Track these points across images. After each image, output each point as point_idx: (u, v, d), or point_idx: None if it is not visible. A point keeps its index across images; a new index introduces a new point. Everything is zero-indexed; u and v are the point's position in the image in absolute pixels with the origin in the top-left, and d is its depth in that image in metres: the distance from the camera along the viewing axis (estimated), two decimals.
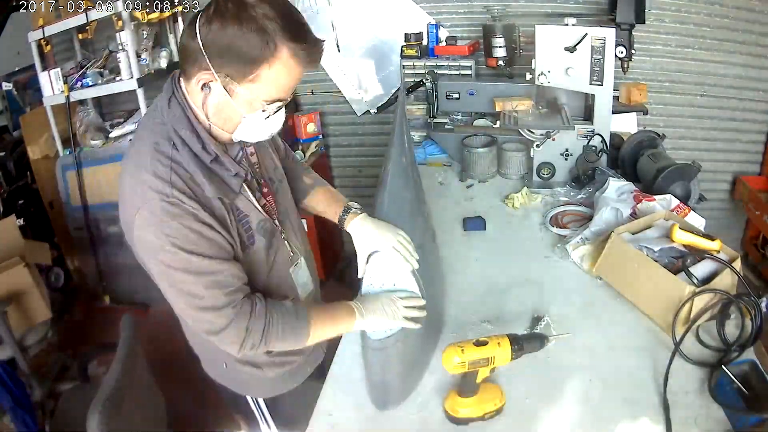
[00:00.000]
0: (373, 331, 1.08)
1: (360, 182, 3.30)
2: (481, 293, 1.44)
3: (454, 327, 1.32)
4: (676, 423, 1.01)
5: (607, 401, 1.08)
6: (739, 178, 2.87)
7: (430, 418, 1.09)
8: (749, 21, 2.56)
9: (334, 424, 1.10)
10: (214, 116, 0.99)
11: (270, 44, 0.89)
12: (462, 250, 1.66)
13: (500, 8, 2.46)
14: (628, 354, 1.20)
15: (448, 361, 1.00)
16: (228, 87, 0.94)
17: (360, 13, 2.86)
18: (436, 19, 2.76)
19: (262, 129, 1.02)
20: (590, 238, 1.56)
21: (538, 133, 1.99)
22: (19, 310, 2.46)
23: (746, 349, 1.13)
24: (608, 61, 1.85)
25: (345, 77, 3.02)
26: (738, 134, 2.82)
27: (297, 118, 3.01)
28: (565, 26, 1.88)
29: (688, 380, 1.10)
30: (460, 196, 2.04)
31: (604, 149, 1.94)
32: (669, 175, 1.66)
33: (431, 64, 2.65)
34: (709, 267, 1.28)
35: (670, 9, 2.57)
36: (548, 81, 1.93)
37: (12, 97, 3.66)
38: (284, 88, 0.96)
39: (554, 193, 1.96)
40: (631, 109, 2.32)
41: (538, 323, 1.29)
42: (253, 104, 0.96)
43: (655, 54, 2.66)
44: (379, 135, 3.11)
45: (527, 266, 1.54)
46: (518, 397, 1.10)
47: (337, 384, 1.20)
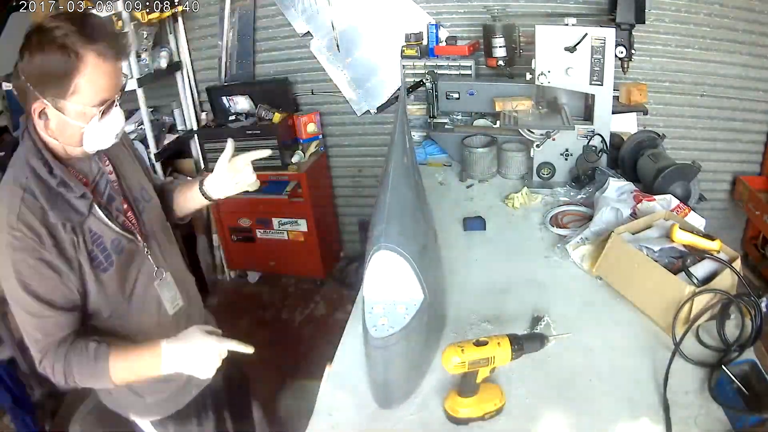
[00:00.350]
0: (375, 329, 1.08)
1: (360, 182, 3.31)
2: (481, 293, 1.44)
3: (454, 327, 1.32)
4: (676, 423, 1.01)
5: (607, 401, 1.08)
6: (739, 178, 2.87)
7: (430, 418, 1.09)
8: (749, 21, 2.56)
9: (334, 424, 1.10)
10: (61, 137, 1.06)
11: (72, 56, 0.97)
12: (462, 250, 1.66)
13: (500, 8, 2.47)
14: (628, 354, 1.20)
15: (448, 361, 1.00)
16: (58, 107, 1.01)
17: (360, 13, 2.86)
18: (436, 19, 2.77)
19: (105, 132, 1.08)
20: (590, 238, 1.56)
21: (538, 133, 1.99)
22: None
23: (746, 349, 1.13)
24: (608, 61, 1.85)
25: (345, 77, 3.02)
26: (738, 134, 2.82)
27: (297, 118, 3.02)
28: (565, 26, 1.88)
29: (688, 380, 1.10)
30: (460, 196, 2.04)
31: (604, 149, 1.94)
32: (669, 175, 1.66)
33: (431, 64, 2.66)
34: (709, 267, 1.28)
35: (670, 9, 2.58)
36: (548, 81, 1.93)
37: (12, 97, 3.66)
38: (105, 87, 1.03)
39: (554, 193, 1.96)
40: (631, 109, 2.32)
41: (538, 323, 1.29)
42: (86, 113, 1.03)
43: (655, 54, 2.67)
44: (379, 135, 3.11)
45: (527, 266, 1.54)
46: (518, 397, 1.10)
47: (337, 383, 1.20)
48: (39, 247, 1.01)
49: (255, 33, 3.02)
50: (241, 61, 3.08)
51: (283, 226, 3.08)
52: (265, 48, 3.06)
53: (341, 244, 3.53)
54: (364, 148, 3.20)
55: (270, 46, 3.05)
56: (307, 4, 2.88)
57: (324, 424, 1.10)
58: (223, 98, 3.07)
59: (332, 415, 1.12)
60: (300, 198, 2.97)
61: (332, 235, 3.42)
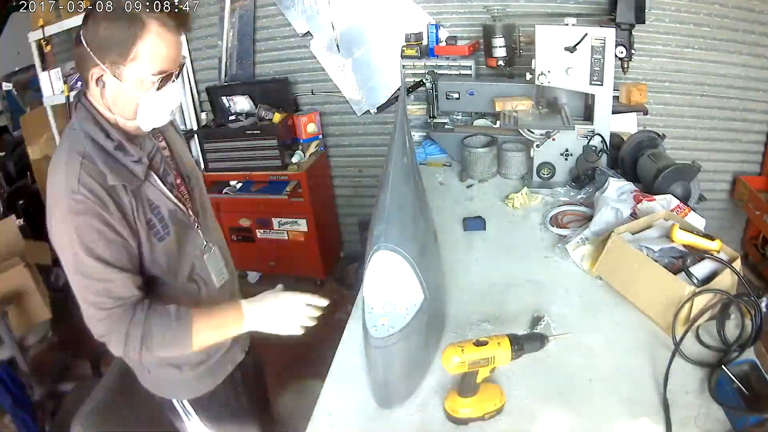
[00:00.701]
0: (375, 329, 1.08)
1: (360, 182, 3.31)
2: (481, 293, 1.44)
3: (454, 327, 1.32)
4: (676, 423, 1.01)
5: (607, 401, 1.08)
6: (739, 178, 2.87)
7: (430, 418, 1.09)
8: (749, 21, 2.56)
9: (334, 424, 1.10)
10: (115, 108, 1.06)
11: (137, 21, 1.00)
12: (462, 250, 1.66)
13: (500, 8, 2.46)
14: (628, 354, 1.20)
15: (448, 361, 1.00)
16: (116, 73, 1.02)
17: (360, 13, 2.86)
18: (436, 19, 2.77)
19: (160, 106, 1.08)
20: (590, 238, 1.56)
21: (538, 133, 1.99)
22: (19, 310, 2.47)
23: (746, 349, 1.13)
24: (608, 61, 1.85)
25: (345, 77, 3.02)
26: (738, 134, 2.82)
27: (297, 118, 3.02)
28: (565, 26, 1.88)
29: (688, 380, 1.10)
30: (460, 196, 2.04)
31: (604, 149, 1.94)
32: (669, 175, 1.66)
33: (431, 64, 2.66)
34: (709, 267, 1.28)
35: (670, 9, 2.57)
36: (548, 81, 1.93)
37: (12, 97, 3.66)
38: (165, 57, 1.04)
39: (554, 193, 1.96)
40: (631, 109, 2.32)
41: (538, 323, 1.29)
42: (144, 83, 1.03)
43: (655, 54, 2.66)
44: (379, 135, 3.11)
45: (527, 266, 1.54)
46: (518, 397, 1.10)
47: (338, 383, 1.20)
48: (102, 210, 1.01)
49: (255, 33, 3.02)
50: (241, 61, 3.08)
51: (283, 226, 3.08)
52: (265, 48, 3.06)
53: (341, 244, 3.53)
54: (364, 148, 3.20)
55: (270, 46, 3.05)
56: (307, 4, 2.88)
57: (324, 424, 1.10)
58: (223, 98, 3.07)
59: (332, 415, 1.12)
60: (300, 198, 2.97)
61: (332, 235, 3.42)
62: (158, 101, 1.06)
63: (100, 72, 1.02)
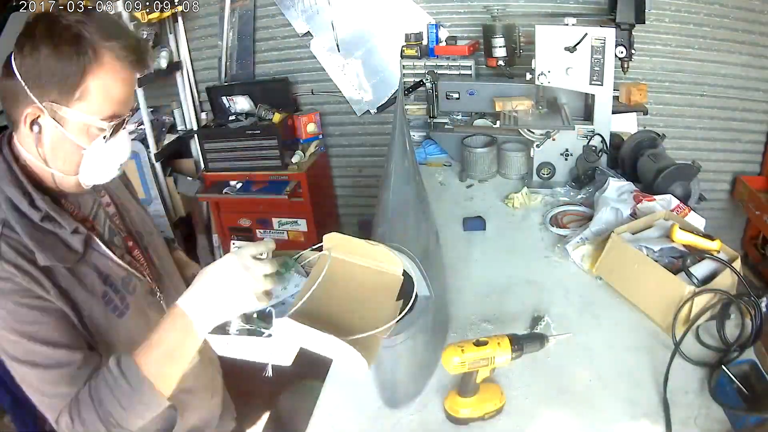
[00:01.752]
0: None
1: (360, 182, 3.31)
2: (481, 293, 1.44)
3: (454, 327, 1.32)
4: (676, 423, 1.01)
5: (607, 401, 1.08)
6: (739, 178, 2.87)
7: (430, 418, 1.09)
8: (749, 21, 2.56)
9: (334, 424, 1.10)
10: (53, 159, 0.86)
11: (88, 49, 0.80)
12: (462, 250, 1.66)
13: (500, 8, 2.47)
14: (628, 354, 1.19)
15: (448, 361, 1.00)
16: (57, 116, 0.82)
17: (360, 13, 2.86)
18: (436, 19, 2.77)
19: (108, 159, 0.90)
20: (590, 238, 1.56)
21: (538, 133, 1.99)
22: None
23: (746, 349, 1.13)
24: (608, 61, 1.85)
25: (345, 77, 3.02)
26: (738, 134, 2.82)
27: (297, 118, 3.02)
28: (565, 26, 1.87)
29: (688, 380, 1.10)
30: (460, 196, 2.04)
31: (604, 149, 1.94)
32: (669, 175, 1.66)
33: (431, 64, 2.66)
34: (709, 267, 1.28)
35: (670, 9, 2.58)
36: (548, 81, 1.93)
37: None
38: (118, 99, 0.86)
39: (554, 193, 1.95)
40: (631, 109, 2.32)
41: (538, 323, 1.29)
42: (90, 130, 0.85)
43: (655, 54, 2.67)
44: (379, 135, 3.12)
45: (527, 266, 1.54)
46: (518, 397, 1.10)
47: (338, 384, 1.20)
48: (35, 287, 0.82)
49: (255, 33, 3.02)
50: (241, 61, 3.08)
51: (283, 226, 3.08)
52: (265, 48, 3.06)
53: None
54: (364, 148, 3.20)
55: (270, 46, 3.05)
56: (307, 4, 2.88)
57: (324, 424, 1.10)
58: (223, 98, 3.07)
59: (332, 415, 1.12)
60: (300, 198, 2.96)
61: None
62: (107, 153, 0.88)
63: (36, 112, 0.82)
